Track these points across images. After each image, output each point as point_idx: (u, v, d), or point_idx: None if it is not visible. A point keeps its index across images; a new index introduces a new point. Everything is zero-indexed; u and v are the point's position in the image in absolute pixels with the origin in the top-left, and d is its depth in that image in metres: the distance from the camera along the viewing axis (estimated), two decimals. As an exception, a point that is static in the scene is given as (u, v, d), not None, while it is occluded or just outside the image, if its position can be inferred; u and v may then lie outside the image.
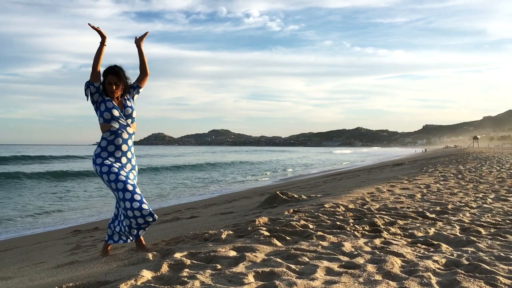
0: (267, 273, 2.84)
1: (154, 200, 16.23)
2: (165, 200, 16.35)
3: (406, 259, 3.30)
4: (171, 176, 28.13)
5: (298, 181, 20.46)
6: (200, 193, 18.14)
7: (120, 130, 4.02)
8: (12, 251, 7.02)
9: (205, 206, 10.92)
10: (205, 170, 33.67)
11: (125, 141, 4.05)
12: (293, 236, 4.11)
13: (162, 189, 20.19)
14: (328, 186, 11.99)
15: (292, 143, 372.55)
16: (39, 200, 16.16)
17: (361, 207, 5.91)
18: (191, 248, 3.68)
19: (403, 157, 47.16)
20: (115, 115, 4.01)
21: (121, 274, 2.93)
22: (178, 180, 24.91)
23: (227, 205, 9.91)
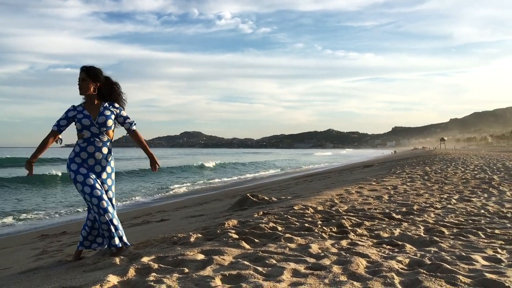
0: (234, 276, 2.86)
1: (126, 202, 16.04)
2: (137, 202, 16.17)
3: (371, 260, 3.38)
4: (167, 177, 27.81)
5: (269, 182, 20.54)
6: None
7: (92, 138, 3.98)
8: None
9: (176, 208, 10.86)
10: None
11: (98, 149, 4.00)
12: (262, 238, 4.15)
13: (139, 190, 19.94)
14: (299, 188, 12.09)
15: (264, 145, 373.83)
16: (7, 204, 15.79)
17: (330, 209, 5.99)
18: (159, 252, 3.67)
19: (373, 159, 47.94)
20: (86, 125, 3.97)
21: (86, 280, 2.90)
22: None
23: (198, 208, 9.88)
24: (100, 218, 3.83)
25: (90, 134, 3.97)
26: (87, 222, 4.00)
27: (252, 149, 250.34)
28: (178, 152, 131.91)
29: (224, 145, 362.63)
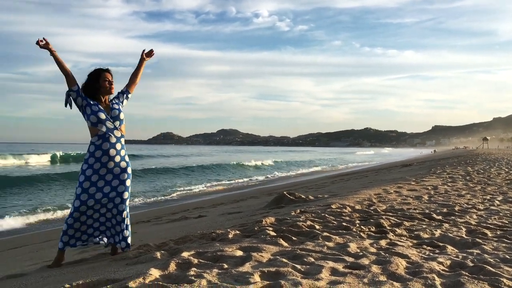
0: (273, 273, 2.88)
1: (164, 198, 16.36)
2: (175, 198, 16.46)
3: (411, 261, 3.33)
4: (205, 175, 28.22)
5: (306, 181, 20.48)
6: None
7: (107, 134, 4.04)
8: (22, 249, 7.14)
9: (213, 205, 10.99)
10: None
11: (112, 145, 4.06)
12: (299, 236, 4.16)
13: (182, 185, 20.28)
14: (335, 187, 12.01)
15: (301, 143, 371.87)
16: (57, 197, 16.44)
17: (368, 208, 5.93)
18: (198, 247, 3.73)
19: (411, 158, 46.97)
20: (102, 118, 4.03)
21: (129, 272, 2.99)
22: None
23: (234, 205, 9.97)
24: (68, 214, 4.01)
25: (105, 129, 4.03)
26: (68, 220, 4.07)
27: (288, 147, 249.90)
28: (215, 149, 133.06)
29: (260, 143, 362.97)
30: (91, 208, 3.99)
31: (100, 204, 4.02)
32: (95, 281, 2.83)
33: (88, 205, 3.97)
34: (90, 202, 3.97)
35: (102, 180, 4.01)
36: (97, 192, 3.99)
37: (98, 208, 4.03)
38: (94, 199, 3.99)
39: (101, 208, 4.04)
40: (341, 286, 2.66)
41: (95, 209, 4.01)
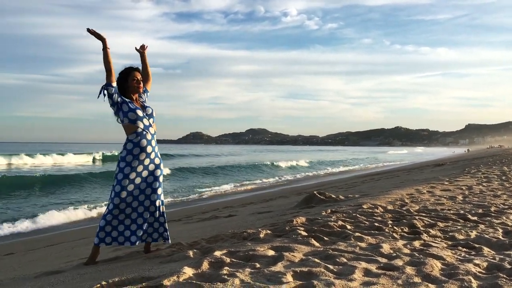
0: (305, 273, 2.88)
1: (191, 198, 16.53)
2: (204, 198, 16.61)
3: (446, 262, 3.27)
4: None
5: (335, 180, 20.33)
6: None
7: (144, 131, 4.12)
8: (59, 246, 7.33)
9: (243, 205, 11.03)
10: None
11: (149, 142, 4.14)
12: (331, 236, 4.14)
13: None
14: (366, 187, 11.89)
15: (330, 142, 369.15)
16: (93, 195, 16.88)
17: (400, 209, 5.85)
18: (230, 246, 3.76)
19: (444, 157, 46.01)
20: (140, 115, 4.12)
21: (163, 271, 3.04)
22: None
23: (264, 204, 9.98)
24: (104, 212, 4.09)
25: (143, 126, 4.11)
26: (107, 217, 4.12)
27: (317, 146, 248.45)
28: (245, 148, 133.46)
29: (289, 142, 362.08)
30: (129, 206, 4.06)
31: (137, 202, 4.09)
32: (130, 279, 2.89)
33: (127, 202, 4.04)
34: (128, 199, 4.04)
35: (139, 177, 4.08)
36: (134, 189, 4.07)
37: (136, 206, 4.09)
38: (132, 195, 4.06)
39: (139, 207, 4.10)
40: (374, 287, 2.64)
41: (133, 207, 4.07)
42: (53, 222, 11.72)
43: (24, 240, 9.44)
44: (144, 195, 4.12)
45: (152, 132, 4.20)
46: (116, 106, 4.10)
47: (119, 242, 4.09)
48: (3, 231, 10.59)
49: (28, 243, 8.75)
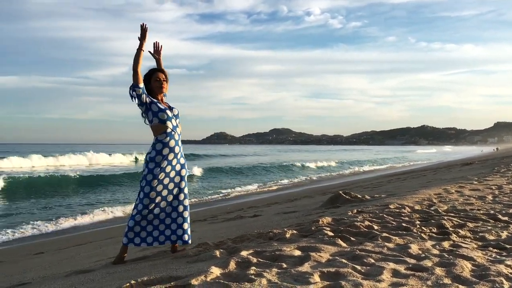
0: (332, 273, 2.86)
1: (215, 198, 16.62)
2: (229, 197, 16.69)
3: (476, 263, 3.21)
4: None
5: (361, 180, 20.14)
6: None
7: (173, 131, 4.15)
8: (86, 246, 7.47)
9: (267, 204, 11.03)
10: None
11: (176, 142, 4.17)
12: (358, 237, 4.10)
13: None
14: (392, 186, 11.74)
15: (354, 141, 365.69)
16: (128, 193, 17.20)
17: (428, 209, 5.76)
18: (256, 246, 3.76)
19: (472, 156, 45.08)
20: (169, 115, 4.15)
21: (191, 270, 3.06)
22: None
23: (289, 204, 9.96)
24: (132, 213, 4.14)
25: (171, 127, 4.14)
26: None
27: (342, 146, 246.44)
28: (269, 148, 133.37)
29: (313, 142, 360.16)
30: (158, 206, 4.09)
31: (166, 202, 4.13)
32: (159, 278, 2.92)
33: (156, 203, 4.08)
34: (157, 200, 4.08)
35: (167, 177, 4.12)
36: (163, 189, 4.10)
37: (164, 207, 4.12)
38: (161, 196, 4.10)
39: (167, 207, 4.13)
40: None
41: (161, 207, 4.11)
42: (83, 222, 11.98)
43: (53, 240, 9.65)
44: (172, 195, 4.16)
45: (179, 132, 4.24)
46: (144, 106, 4.12)
47: (147, 242, 4.13)
48: (33, 231, 10.86)
49: (56, 242, 8.94)
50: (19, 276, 4.68)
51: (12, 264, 6.43)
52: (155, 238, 4.14)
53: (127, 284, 2.79)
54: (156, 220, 4.12)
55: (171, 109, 4.25)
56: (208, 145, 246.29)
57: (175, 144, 4.16)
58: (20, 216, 12.79)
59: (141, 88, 4.08)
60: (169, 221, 4.16)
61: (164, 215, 4.14)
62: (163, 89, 4.24)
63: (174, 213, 4.17)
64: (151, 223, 4.11)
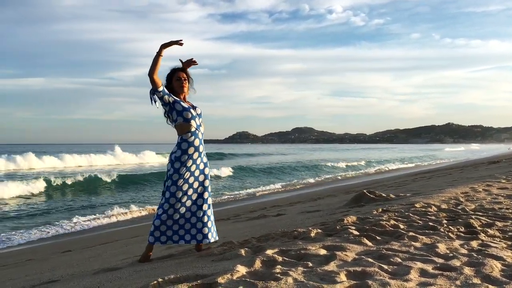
0: (359, 272, 2.85)
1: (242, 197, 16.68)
2: (251, 197, 16.72)
3: (506, 263, 3.15)
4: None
5: (384, 179, 19.93)
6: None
7: (197, 130, 4.17)
8: (112, 244, 7.58)
9: (290, 204, 11.01)
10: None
11: (201, 141, 4.20)
12: (383, 236, 4.06)
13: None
14: (417, 185, 11.57)
15: (378, 140, 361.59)
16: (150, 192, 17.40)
17: (455, 208, 5.66)
18: (281, 245, 3.76)
19: (499, 155, 44.15)
20: (193, 114, 4.17)
21: (216, 269, 3.08)
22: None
23: (312, 203, 9.92)
24: (158, 212, 4.16)
25: (196, 125, 4.16)
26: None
27: (365, 144, 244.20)
28: (292, 147, 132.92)
29: (335, 141, 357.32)
30: (183, 205, 4.13)
31: (191, 201, 4.16)
32: (185, 276, 2.95)
33: (182, 202, 4.12)
34: (183, 199, 4.11)
35: (192, 176, 4.15)
36: (189, 188, 4.14)
37: (190, 206, 4.15)
38: (187, 195, 4.13)
39: (192, 206, 4.16)
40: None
41: (187, 206, 4.14)
42: (109, 220, 12.19)
43: (79, 238, 9.84)
44: (197, 194, 4.19)
45: (202, 131, 4.26)
46: (168, 106, 4.14)
47: (173, 241, 4.17)
48: (60, 229, 11.10)
49: (83, 241, 9.11)
50: (48, 274, 4.78)
51: (41, 262, 6.57)
52: (181, 237, 4.17)
53: (155, 282, 2.82)
54: (181, 219, 4.15)
55: (194, 108, 4.27)
56: (231, 144, 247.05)
57: (199, 143, 4.19)
58: (49, 216, 13.08)
59: (161, 91, 4.09)
60: (195, 220, 4.19)
61: (189, 214, 4.17)
62: (184, 88, 4.24)
63: (199, 211, 4.19)
64: (177, 222, 4.14)
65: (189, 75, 4.35)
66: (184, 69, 4.32)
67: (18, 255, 7.98)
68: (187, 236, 4.18)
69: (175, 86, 4.23)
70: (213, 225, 4.30)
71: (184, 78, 4.26)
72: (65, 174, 24.67)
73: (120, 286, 3.15)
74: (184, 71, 4.31)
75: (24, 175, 25.99)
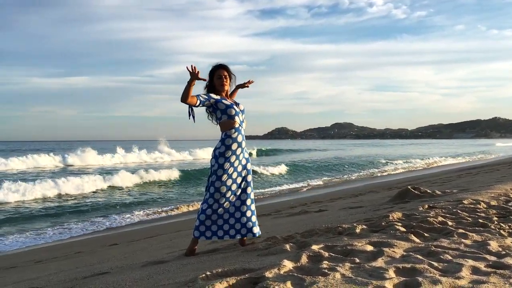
0: (408, 269, 2.80)
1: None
2: (287, 193, 16.71)
3: None
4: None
5: (428, 175, 19.47)
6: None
7: (240, 126, 4.23)
8: (157, 238, 7.75)
9: (331, 199, 10.93)
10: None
11: (243, 137, 4.26)
12: (431, 232, 3.97)
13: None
14: (463, 181, 11.25)
15: (420, 135, 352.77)
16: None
17: (505, 204, 5.48)
18: (326, 241, 3.75)
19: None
20: (237, 111, 4.23)
21: (263, 263, 3.10)
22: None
23: (354, 199, 9.81)
24: (202, 207, 4.21)
25: (239, 122, 4.21)
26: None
27: (407, 140, 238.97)
28: (331, 143, 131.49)
29: (376, 136, 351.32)
30: (227, 200, 4.19)
31: (235, 196, 4.21)
32: (232, 270, 2.99)
33: (226, 197, 4.17)
34: (227, 194, 4.17)
35: (235, 172, 4.20)
36: (232, 183, 4.19)
37: (234, 201, 4.21)
38: (231, 190, 4.19)
39: (236, 201, 4.22)
40: (485, 286, 2.51)
41: (231, 201, 4.19)
42: (153, 216, 12.50)
43: (123, 232, 10.11)
44: (240, 189, 4.24)
45: (245, 127, 4.33)
46: (212, 107, 4.23)
47: (218, 236, 4.22)
48: (106, 224, 11.46)
49: (127, 235, 9.35)
50: (98, 266, 4.94)
51: (90, 254, 6.79)
52: (225, 232, 4.23)
53: (203, 275, 2.87)
54: (226, 214, 4.20)
55: (237, 104, 4.33)
56: (270, 140, 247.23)
57: (242, 139, 4.25)
58: (99, 212, 13.47)
59: (200, 105, 4.14)
60: (239, 214, 4.23)
61: (233, 209, 4.22)
62: (225, 86, 4.28)
63: (243, 206, 4.23)
64: (221, 217, 4.20)
65: (231, 72, 4.37)
66: (225, 66, 4.35)
67: (67, 248, 8.28)
68: (232, 231, 4.23)
69: (216, 84, 4.28)
70: (256, 220, 4.33)
71: (225, 76, 4.29)
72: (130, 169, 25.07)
73: (169, 279, 3.22)
74: (226, 69, 4.34)
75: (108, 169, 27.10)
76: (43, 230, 10.78)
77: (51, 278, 4.53)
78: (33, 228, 11.02)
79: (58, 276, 4.58)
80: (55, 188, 16.63)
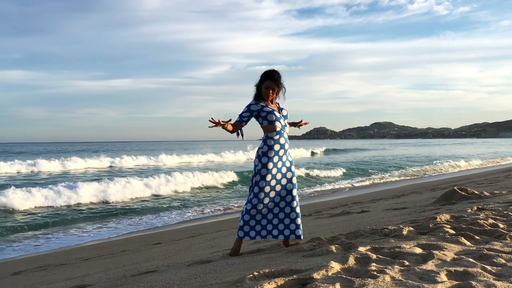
0: (460, 272, 2.73)
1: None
2: (327, 193, 16.56)
3: None
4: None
5: (473, 175, 18.88)
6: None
7: (282, 129, 4.31)
8: (199, 237, 7.84)
9: (372, 200, 10.76)
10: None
11: (286, 140, 4.33)
12: (482, 235, 3.85)
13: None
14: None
15: (463, 134, 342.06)
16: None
17: (560, 206, 5.24)
18: (372, 242, 3.69)
19: None
20: (278, 116, 4.31)
21: (309, 264, 3.09)
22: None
23: (397, 200, 9.63)
24: (246, 208, 4.23)
25: (280, 126, 4.28)
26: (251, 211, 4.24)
27: (450, 139, 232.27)
28: (372, 143, 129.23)
29: (417, 136, 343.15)
30: (271, 201, 4.22)
31: (279, 197, 4.24)
32: (279, 270, 2.99)
33: (270, 197, 4.21)
34: (271, 194, 4.21)
35: (279, 172, 4.24)
36: (276, 184, 4.23)
37: (278, 201, 4.23)
38: (275, 190, 4.22)
39: (281, 202, 4.24)
40: (543, 292, 2.41)
41: (275, 201, 4.22)
42: (195, 215, 12.69)
43: (166, 231, 10.29)
44: (285, 190, 4.26)
45: (287, 131, 4.42)
46: (257, 115, 4.34)
47: (262, 236, 4.26)
48: (148, 223, 11.70)
49: (170, 234, 9.50)
50: (145, 264, 5.05)
51: (135, 253, 6.94)
52: (269, 232, 4.25)
53: (251, 275, 2.89)
54: (270, 214, 4.23)
55: (280, 110, 4.43)
56: (309, 140, 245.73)
57: (285, 141, 4.32)
58: (144, 211, 13.72)
59: (245, 123, 4.30)
60: (283, 215, 4.24)
61: (278, 209, 4.24)
62: (269, 97, 4.36)
63: (287, 208, 4.25)
64: (265, 217, 4.23)
65: (281, 84, 4.41)
66: (276, 79, 4.36)
67: (112, 246, 8.50)
68: (275, 231, 4.25)
69: (262, 92, 4.38)
70: (301, 222, 4.33)
71: (273, 89, 4.36)
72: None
73: (216, 278, 3.26)
74: (276, 81, 4.36)
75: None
76: (87, 229, 11.12)
77: (100, 276, 4.67)
78: (77, 227, 11.38)
79: (107, 274, 4.71)
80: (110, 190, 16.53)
